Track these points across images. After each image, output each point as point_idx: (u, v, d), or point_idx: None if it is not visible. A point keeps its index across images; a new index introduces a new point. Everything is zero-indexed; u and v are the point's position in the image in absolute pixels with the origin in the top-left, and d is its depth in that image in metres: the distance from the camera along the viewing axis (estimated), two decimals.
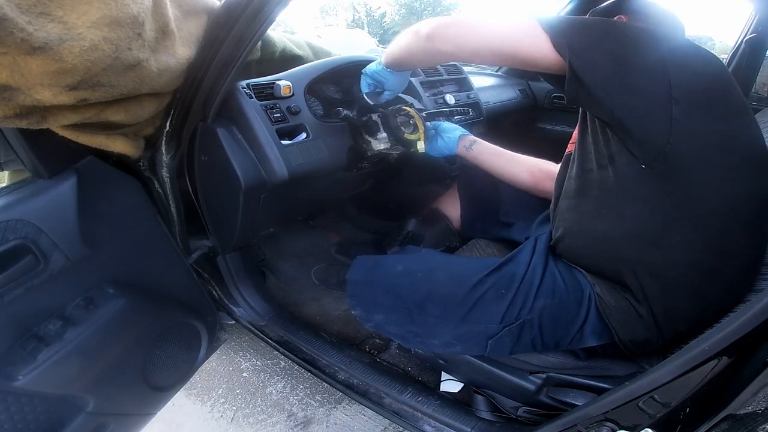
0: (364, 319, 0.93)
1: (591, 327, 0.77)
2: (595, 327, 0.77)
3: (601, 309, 0.76)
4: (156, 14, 0.70)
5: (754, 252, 0.72)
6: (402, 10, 36.18)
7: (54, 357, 0.74)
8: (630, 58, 0.65)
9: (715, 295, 0.70)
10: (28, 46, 0.53)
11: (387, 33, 34.00)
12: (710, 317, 0.71)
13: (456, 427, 0.89)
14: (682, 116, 0.64)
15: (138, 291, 0.90)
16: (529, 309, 0.78)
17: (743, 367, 0.55)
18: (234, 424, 1.23)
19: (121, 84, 0.67)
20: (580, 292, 0.78)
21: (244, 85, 0.92)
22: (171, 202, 0.97)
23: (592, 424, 0.67)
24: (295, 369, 1.37)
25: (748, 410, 0.54)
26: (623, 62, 0.65)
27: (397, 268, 0.91)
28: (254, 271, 1.29)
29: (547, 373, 0.85)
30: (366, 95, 0.99)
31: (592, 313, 0.77)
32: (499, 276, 0.82)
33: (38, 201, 0.74)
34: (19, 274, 0.71)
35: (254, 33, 0.78)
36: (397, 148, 1.04)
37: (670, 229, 0.68)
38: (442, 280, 0.86)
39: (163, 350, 0.97)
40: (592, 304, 0.77)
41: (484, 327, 0.80)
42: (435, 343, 0.85)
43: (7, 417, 0.72)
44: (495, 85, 1.82)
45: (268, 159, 0.90)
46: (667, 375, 0.58)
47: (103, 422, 0.87)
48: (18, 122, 0.64)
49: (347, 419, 1.21)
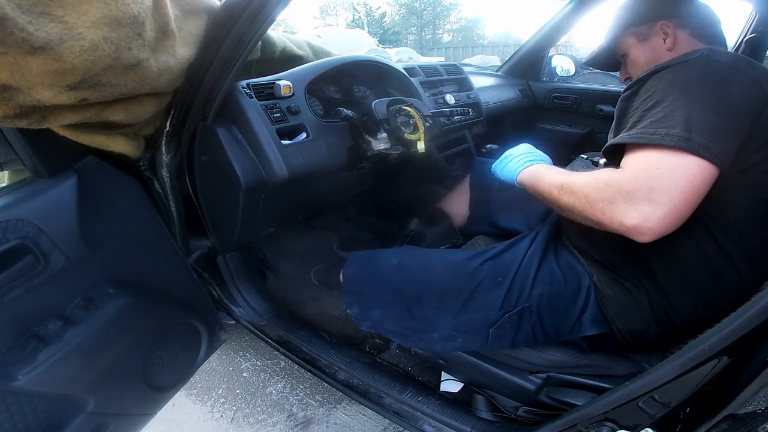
0: (361, 318, 0.92)
1: (590, 316, 0.78)
2: (594, 316, 0.78)
3: (599, 299, 0.77)
4: (156, 14, 0.70)
5: (763, 262, 0.72)
6: (402, 10, 36.19)
7: (54, 357, 0.74)
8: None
9: (715, 297, 0.71)
10: (29, 45, 0.53)
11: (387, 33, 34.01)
12: (709, 315, 0.71)
13: (456, 427, 0.89)
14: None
15: (138, 291, 0.90)
16: (527, 296, 0.79)
17: (743, 367, 0.55)
18: (234, 424, 1.23)
19: (121, 84, 0.67)
20: (578, 282, 0.79)
21: (244, 85, 0.92)
22: (171, 202, 0.97)
23: (592, 424, 0.67)
24: (295, 369, 1.37)
25: (748, 410, 0.54)
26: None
27: (392, 261, 0.91)
28: (254, 271, 1.29)
29: (547, 373, 0.85)
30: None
31: (591, 301, 0.78)
32: (495, 263, 0.83)
33: (38, 201, 0.74)
34: (19, 274, 0.71)
35: (254, 33, 0.78)
36: (397, 148, 1.04)
37: (685, 231, 0.66)
38: (438, 270, 0.86)
39: (163, 350, 0.97)
40: (590, 293, 0.78)
41: (483, 315, 0.80)
42: (435, 338, 0.85)
43: (7, 417, 0.72)
44: (495, 85, 1.82)
45: (268, 159, 0.90)
46: (667, 375, 0.58)
47: (103, 422, 0.87)
48: (18, 122, 0.64)
49: (347, 419, 1.21)
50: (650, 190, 0.58)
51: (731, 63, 0.65)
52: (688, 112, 0.60)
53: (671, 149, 0.59)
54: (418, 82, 1.31)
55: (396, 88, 1.27)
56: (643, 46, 0.85)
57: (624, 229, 0.60)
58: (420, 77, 1.34)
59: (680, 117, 0.60)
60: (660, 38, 0.82)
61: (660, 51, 0.82)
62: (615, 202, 0.60)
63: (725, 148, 0.60)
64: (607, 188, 0.62)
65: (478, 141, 1.57)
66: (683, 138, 0.58)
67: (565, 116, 1.96)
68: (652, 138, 0.61)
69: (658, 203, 0.57)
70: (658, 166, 0.59)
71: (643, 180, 0.59)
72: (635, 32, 0.86)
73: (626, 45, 0.89)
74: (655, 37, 0.83)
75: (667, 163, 0.59)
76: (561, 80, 1.94)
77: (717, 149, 0.58)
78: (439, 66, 1.46)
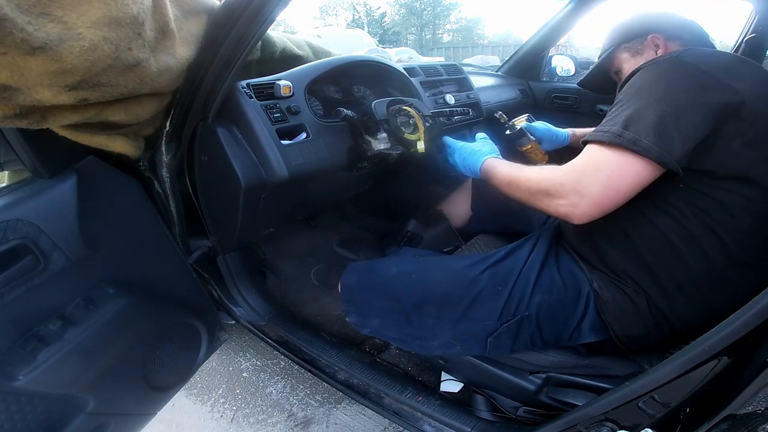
0: (360, 326, 0.93)
1: (589, 323, 0.78)
2: (593, 323, 0.78)
3: (599, 305, 0.77)
4: (156, 14, 0.70)
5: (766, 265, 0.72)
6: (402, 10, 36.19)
7: (54, 357, 0.74)
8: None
9: (722, 304, 0.70)
10: (28, 46, 0.53)
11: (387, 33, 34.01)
12: (710, 319, 0.71)
13: (456, 427, 0.89)
14: (737, 148, 0.64)
15: (138, 291, 0.90)
16: (527, 305, 0.78)
17: (743, 367, 0.55)
18: (234, 424, 1.23)
19: (121, 84, 0.67)
20: (577, 289, 0.78)
21: (244, 85, 0.92)
22: (171, 202, 0.97)
23: (592, 424, 0.67)
24: (295, 369, 1.37)
25: (748, 410, 0.54)
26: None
27: (391, 270, 0.91)
28: (254, 271, 1.29)
29: (547, 373, 0.85)
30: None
31: (590, 309, 0.77)
32: (495, 272, 0.82)
33: (38, 201, 0.74)
34: (19, 274, 0.71)
35: (254, 33, 0.78)
36: (397, 148, 1.04)
37: (692, 239, 0.68)
38: (438, 279, 0.86)
39: (163, 350, 0.97)
40: (590, 300, 0.77)
41: (482, 325, 0.80)
42: (434, 345, 0.85)
43: (7, 417, 0.72)
44: (495, 85, 1.82)
45: (268, 159, 0.90)
46: (667, 375, 0.58)
47: (103, 422, 0.87)
48: (18, 122, 0.64)
49: (347, 419, 1.21)
50: (578, 182, 0.65)
51: (700, 64, 0.66)
52: (633, 110, 0.65)
53: (605, 145, 0.65)
54: (418, 82, 1.31)
55: (396, 88, 1.27)
56: (636, 60, 0.88)
57: (560, 216, 0.69)
58: (420, 77, 1.34)
59: (624, 115, 0.65)
60: (652, 51, 0.86)
61: None
62: (550, 194, 0.68)
63: (665, 144, 0.62)
64: (546, 182, 0.70)
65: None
66: (616, 134, 0.64)
67: (565, 116, 1.96)
68: (594, 135, 0.67)
69: (582, 194, 0.65)
70: (589, 160, 0.66)
71: (574, 174, 0.66)
72: (628, 47, 0.90)
73: (620, 61, 0.92)
74: (647, 51, 0.87)
75: (597, 158, 0.65)
76: (561, 80, 1.93)
77: (647, 143, 0.61)
78: (439, 66, 1.46)
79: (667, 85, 0.66)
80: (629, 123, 0.64)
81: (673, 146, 0.62)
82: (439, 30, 37.52)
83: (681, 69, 0.68)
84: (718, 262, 0.69)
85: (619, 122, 0.65)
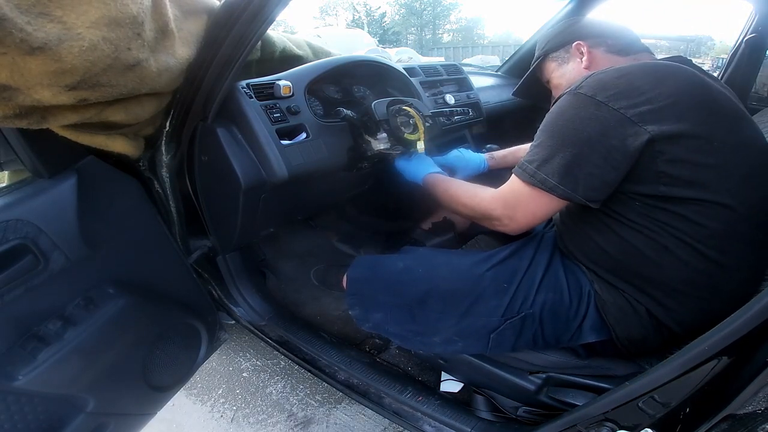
0: (362, 320, 0.93)
1: (590, 323, 0.78)
2: (594, 323, 0.78)
3: (600, 305, 0.77)
4: (156, 14, 0.70)
5: (756, 265, 0.72)
6: (402, 10, 36.21)
7: (54, 357, 0.74)
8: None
9: (718, 306, 0.70)
10: (28, 46, 0.53)
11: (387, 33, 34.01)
12: (710, 323, 0.71)
13: (456, 427, 0.89)
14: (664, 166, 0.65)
15: (138, 291, 0.90)
16: (531, 303, 0.79)
17: (743, 367, 0.55)
18: (234, 424, 1.23)
19: (120, 84, 0.67)
20: (579, 288, 0.79)
21: (244, 85, 0.92)
22: (171, 202, 0.97)
23: (592, 424, 0.67)
24: (295, 369, 1.37)
25: (748, 410, 0.54)
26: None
27: (398, 265, 0.91)
28: (254, 271, 1.29)
29: (547, 373, 0.85)
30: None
31: (591, 309, 0.78)
32: (501, 269, 0.83)
33: (38, 201, 0.74)
34: (19, 274, 0.71)
35: (254, 33, 0.78)
36: (397, 148, 1.04)
37: (667, 251, 0.69)
38: (444, 274, 0.86)
39: (163, 350, 0.97)
40: (591, 300, 0.78)
41: (485, 321, 0.80)
42: (436, 341, 0.85)
43: (7, 417, 0.72)
44: (495, 85, 1.82)
45: (268, 159, 0.90)
46: (667, 375, 0.58)
47: (103, 422, 0.87)
48: (18, 122, 0.64)
49: (347, 419, 1.21)
50: (505, 209, 0.77)
51: (598, 94, 0.68)
52: (546, 151, 0.71)
53: (523, 182, 0.73)
54: (418, 82, 1.31)
55: (396, 88, 1.27)
56: (563, 69, 0.91)
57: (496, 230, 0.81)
58: (420, 77, 1.34)
59: (539, 156, 0.72)
60: (577, 58, 0.88)
61: (578, 71, 0.87)
62: (486, 217, 0.81)
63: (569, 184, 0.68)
64: (479, 208, 0.82)
65: (478, 141, 1.57)
66: (530, 174, 0.72)
67: None
68: (517, 170, 0.75)
69: (510, 218, 0.77)
70: (513, 193, 0.76)
71: (502, 202, 0.78)
72: (555, 57, 0.93)
73: (549, 71, 0.95)
74: (572, 59, 0.89)
75: (518, 192, 0.75)
76: None
77: (553, 183, 0.69)
78: (439, 66, 1.46)
79: (569, 125, 0.69)
80: (541, 163, 0.71)
81: (577, 185, 0.68)
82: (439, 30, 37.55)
83: (578, 103, 0.69)
84: (701, 269, 0.69)
85: (536, 160, 0.72)
